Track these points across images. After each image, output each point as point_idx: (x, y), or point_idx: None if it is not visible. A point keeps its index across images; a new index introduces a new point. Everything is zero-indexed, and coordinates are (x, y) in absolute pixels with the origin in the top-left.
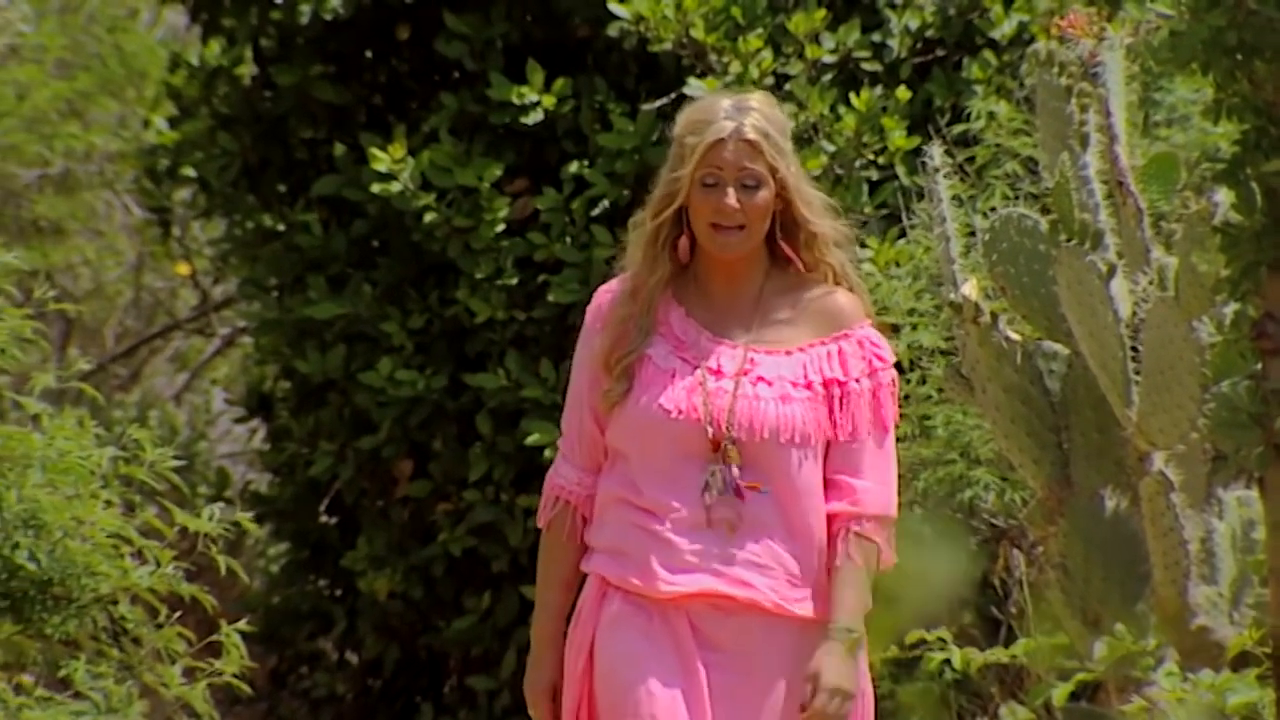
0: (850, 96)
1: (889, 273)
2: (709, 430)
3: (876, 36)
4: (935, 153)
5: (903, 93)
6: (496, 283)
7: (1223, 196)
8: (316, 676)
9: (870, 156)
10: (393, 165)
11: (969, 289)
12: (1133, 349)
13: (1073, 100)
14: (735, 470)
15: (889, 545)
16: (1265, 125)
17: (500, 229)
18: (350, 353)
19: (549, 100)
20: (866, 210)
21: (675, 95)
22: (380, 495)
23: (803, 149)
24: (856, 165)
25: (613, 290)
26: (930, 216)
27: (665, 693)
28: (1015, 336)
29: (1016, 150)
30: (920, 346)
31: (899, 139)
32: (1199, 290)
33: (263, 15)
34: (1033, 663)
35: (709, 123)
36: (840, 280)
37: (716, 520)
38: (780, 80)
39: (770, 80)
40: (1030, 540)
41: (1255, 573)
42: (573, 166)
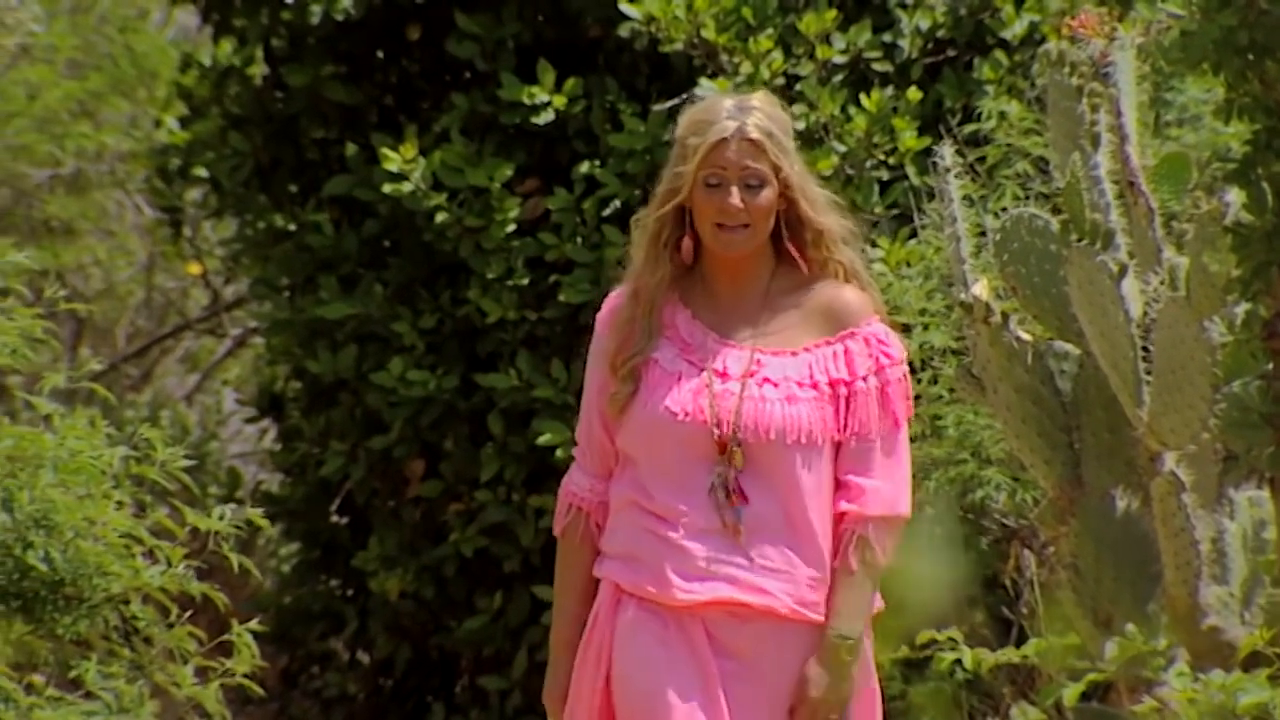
0: (861, 97)
1: (900, 273)
2: (715, 432)
3: (887, 37)
4: (946, 153)
5: (914, 93)
6: (508, 283)
7: (1234, 196)
8: (328, 676)
9: (881, 157)
10: (404, 165)
11: (980, 289)
12: (1144, 349)
13: (1084, 100)
14: (734, 473)
15: (893, 545)
16: (1276, 125)
17: (511, 229)
18: (361, 353)
19: (560, 100)
20: (877, 210)
21: (686, 96)
22: (392, 495)
23: (813, 149)
24: (867, 166)
25: (621, 295)
26: (941, 217)
27: (682, 703)
28: (1026, 336)
29: (1027, 150)
30: (931, 346)
31: (910, 139)
32: (1210, 290)
33: (274, 15)
34: (1044, 663)
35: (711, 123)
36: (850, 277)
37: (728, 523)
38: (791, 81)
39: (781, 81)
40: (1041, 540)
41: (1266, 573)
42: (584, 167)
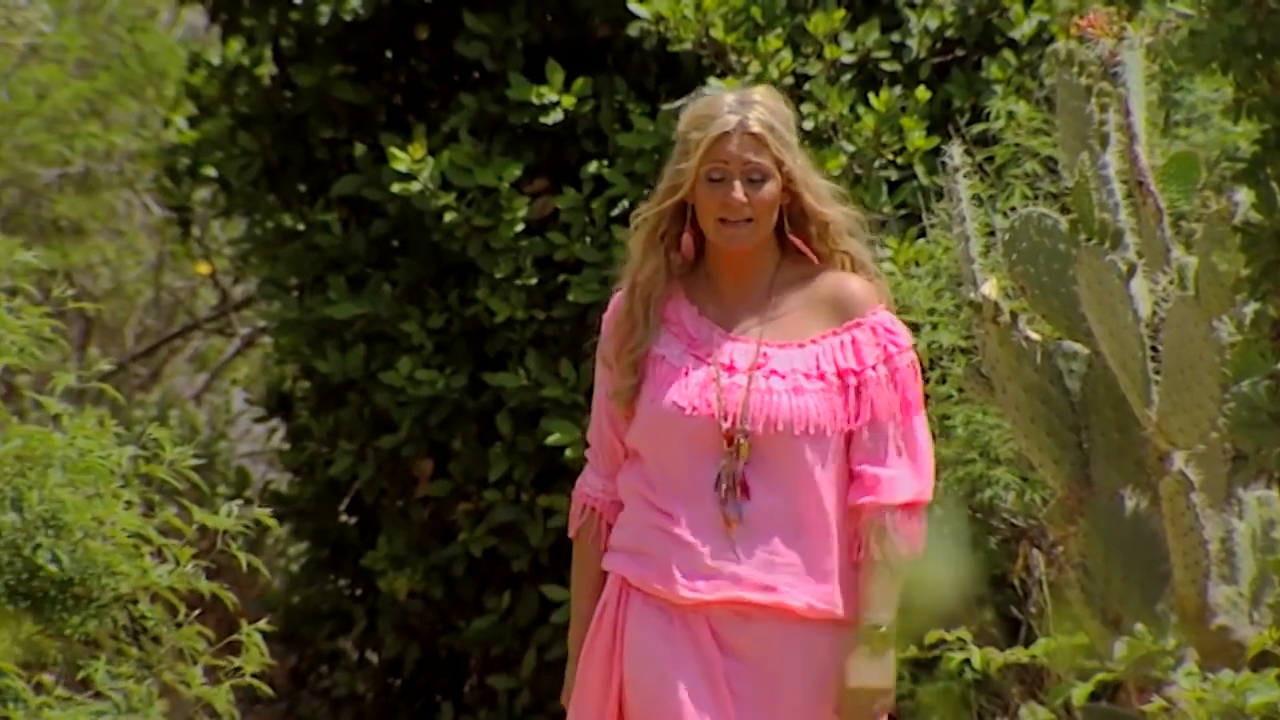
0: (869, 96)
1: (908, 272)
2: (723, 425)
3: (896, 36)
4: (955, 152)
5: (922, 93)
6: (516, 282)
7: (1243, 196)
8: (337, 676)
9: (889, 156)
10: (412, 165)
11: (989, 288)
12: (1153, 348)
13: (1092, 100)
14: (741, 466)
15: (919, 531)
16: None
17: (520, 229)
18: (370, 352)
19: (569, 100)
20: (886, 210)
21: (695, 95)
22: (400, 495)
23: (822, 149)
24: (875, 165)
25: (622, 292)
26: (950, 216)
27: (689, 702)
28: (1035, 336)
29: (1036, 150)
30: (940, 346)
31: (918, 139)
32: (1219, 290)
33: (282, 15)
34: (1053, 663)
35: (713, 117)
36: (857, 268)
37: (731, 517)
38: (799, 80)
39: (789, 80)
40: (1050, 540)
41: (1275, 572)
42: (592, 166)
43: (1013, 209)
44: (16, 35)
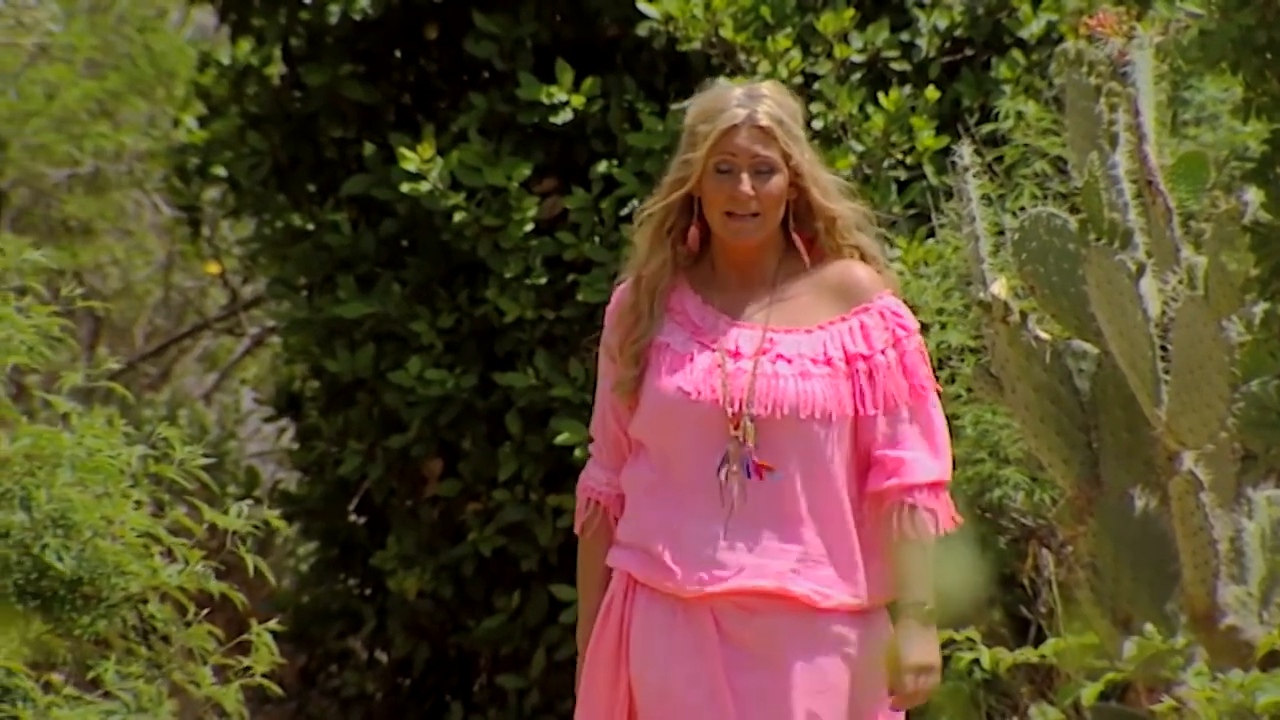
0: (879, 96)
1: (918, 272)
2: (728, 411)
3: (905, 36)
4: (964, 152)
5: (931, 92)
6: (525, 282)
7: (1252, 195)
8: (346, 675)
9: (899, 156)
10: (422, 165)
11: (998, 288)
12: (1162, 348)
13: (1102, 99)
14: (750, 447)
15: (947, 508)
16: None
17: (529, 228)
18: (379, 352)
19: (578, 100)
20: (895, 210)
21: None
22: (409, 494)
23: (831, 149)
24: (885, 165)
25: (627, 285)
26: (959, 216)
27: (687, 701)
28: (1044, 335)
29: (1045, 150)
30: (949, 346)
31: (928, 138)
32: (1228, 289)
33: (292, 15)
34: (1062, 662)
35: (721, 110)
36: (866, 260)
37: (737, 506)
38: (809, 79)
39: (799, 80)
40: (1059, 540)
41: None
42: (602, 166)
43: (1022, 209)
44: (26, 35)
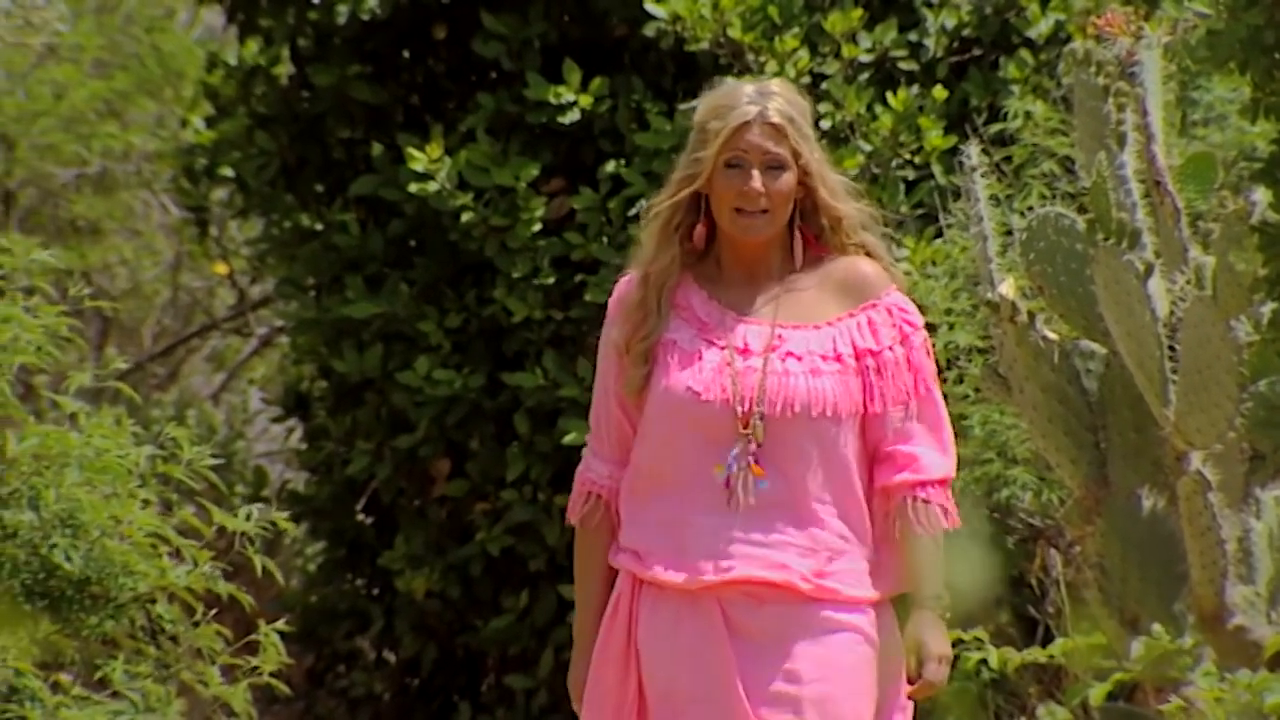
0: (887, 96)
1: (926, 272)
2: (738, 410)
3: (913, 36)
4: (972, 152)
5: (939, 92)
6: (533, 282)
7: (1260, 195)
8: (354, 675)
9: (907, 156)
10: (430, 165)
11: (1006, 288)
12: (1170, 348)
13: (1110, 99)
14: (754, 448)
15: (952, 504)
16: None
17: (537, 228)
18: (387, 352)
19: (586, 100)
20: (903, 210)
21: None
22: (418, 494)
23: (839, 148)
24: (893, 165)
25: (631, 279)
26: (967, 216)
27: (693, 699)
28: (1052, 336)
29: (1053, 149)
30: (957, 346)
31: (936, 138)
32: (1236, 289)
33: (300, 15)
34: (1070, 662)
35: (732, 107)
36: (874, 258)
37: (743, 502)
38: (817, 79)
39: (807, 79)
40: (1067, 540)
41: None
42: (609, 166)
43: (1030, 209)
44: (34, 35)
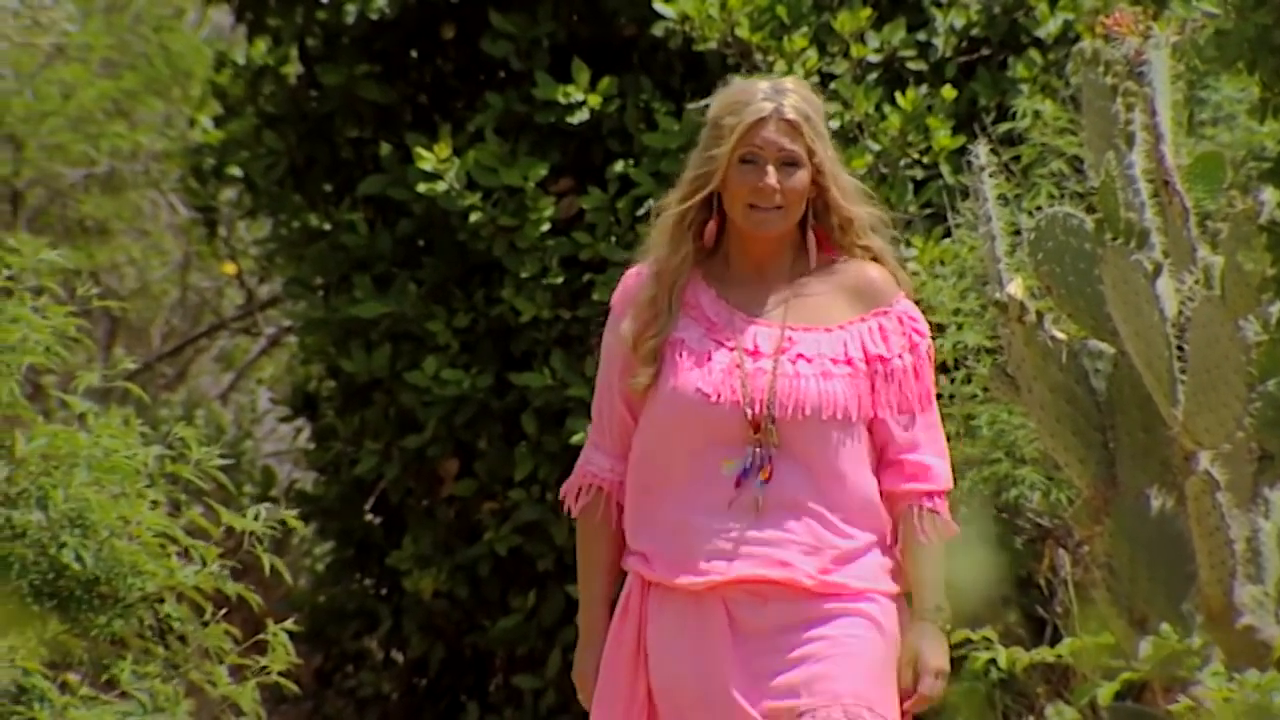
0: (895, 95)
1: (934, 272)
2: (748, 412)
3: (921, 35)
4: (980, 152)
5: (948, 92)
6: (542, 282)
7: (1268, 195)
8: (362, 675)
9: (915, 156)
10: (438, 165)
11: (1014, 288)
12: (1178, 348)
13: (1118, 99)
14: (771, 452)
15: (948, 517)
16: None
17: (545, 228)
18: (395, 352)
19: (594, 99)
20: (911, 209)
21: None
22: (426, 494)
23: (848, 148)
24: (901, 164)
25: (639, 274)
26: (975, 215)
27: (693, 702)
28: (1061, 335)
29: (1062, 149)
30: (965, 346)
31: (944, 138)
32: (1245, 289)
33: (308, 14)
34: (1078, 662)
35: (747, 103)
36: (881, 263)
37: (750, 504)
38: (825, 79)
39: (815, 79)
40: (1076, 540)
41: None
42: (618, 166)
43: (1038, 208)
44: (42, 35)
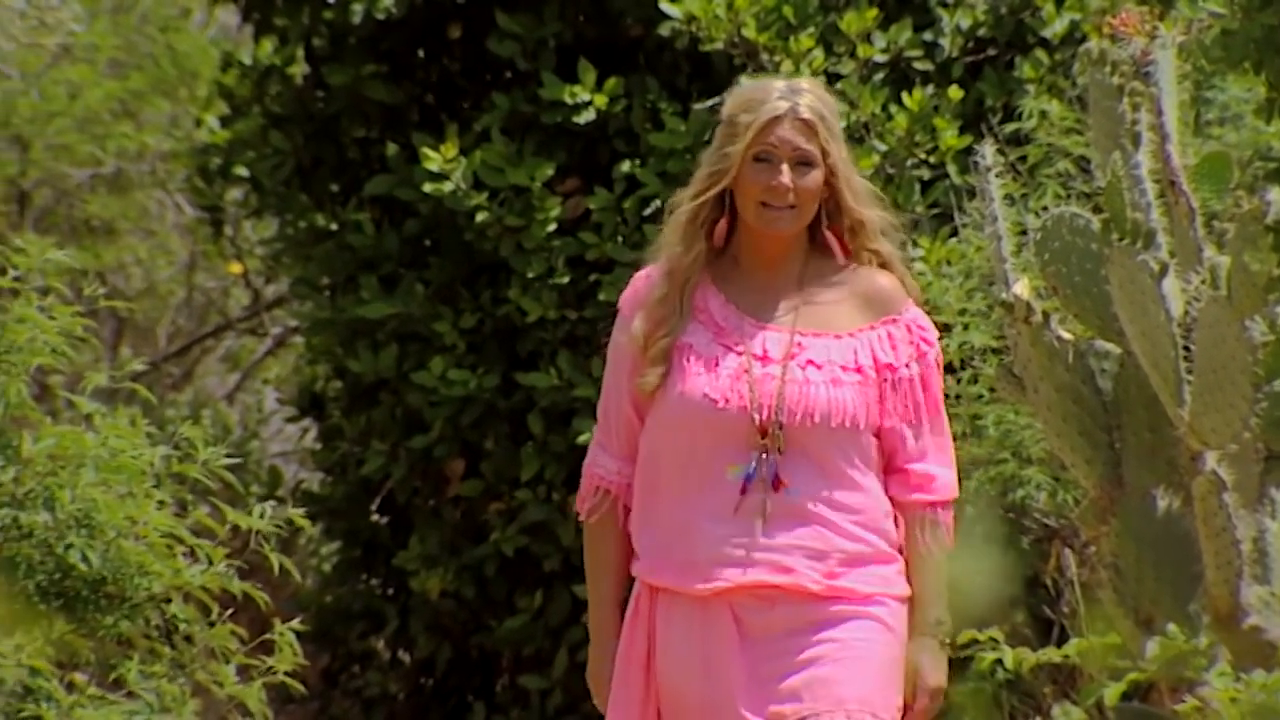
0: (902, 96)
1: (940, 272)
2: (755, 418)
3: (928, 35)
4: (987, 152)
5: (954, 92)
6: (548, 282)
7: (1275, 195)
8: (369, 675)
9: (922, 156)
10: (445, 165)
11: (1021, 288)
12: (1185, 348)
13: (1124, 99)
14: (777, 459)
15: (952, 526)
16: None
17: (552, 228)
18: (402, 352)
19: (601, 100)
20: (918, 209)
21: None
22: (432, 494)
23: (855, 148)
24: (908, 165)
25: (649, 275)
26: (982, 215)
27: (700, 706)
28: (1067, 336)
29: (1068, 149)
30: (972, 346)
31: (951, 138)
32: (1251, 289)
33: (315, 14)
34: (1085, 663)
35: (763, 101)
36: (887, 267)
37: (756, 509)
38: (832, 79)
39: (822, 79)
40: (1082, 540)
41: None
42: (624, 166)
43: (1045, 208)
44: (49, 35)
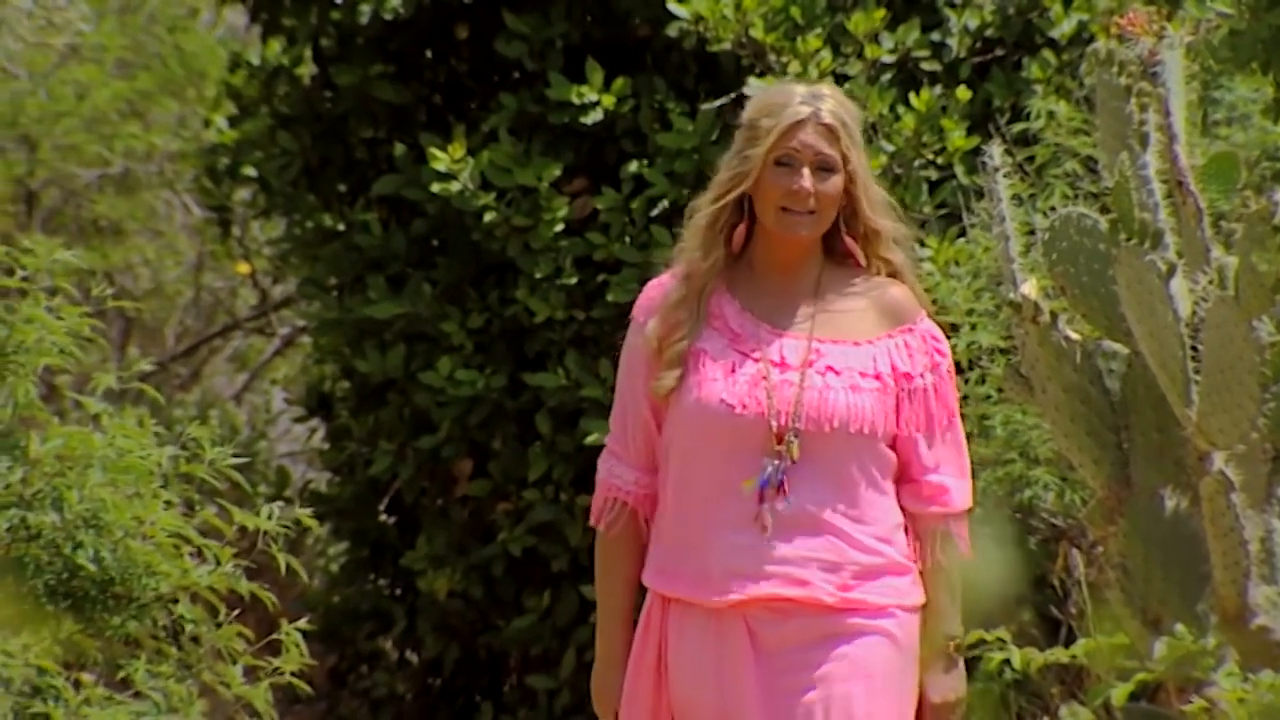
0: (909, 96)
1: (948, 272)
2: (773, 424)
3: (936, 36)
4: (995, 152)
5: (962, 92)
6: (556, 282)
7: None
8: (376, 676)
9: (929, 156)
10: (452, 165)
11: (1028, 288)
12: (1192, 348)
13: (1132, 99)
14: (787, 465)
15: (967, 537)
16: None
17: (559, 229)
18: (410, 352)
19: (608, 100)
20: (926, 210)
21: (735, 95)
22: (440, 494)
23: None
24: (915, 165)
25: (663, 284)
26: (989, 216)
27: (715, 714)
28: (1075, 336)
29: (1076, 149)
30: (979, 346)
31: (958, 139)
32: (1259, 289)
33: (323, 15)
34: (1092, 663)
35: (785, 105)
36: (899, 278)
37: (771, 519)
38: (839, 80)
39: (829, 80)
40: (1090, 540)
41: None
42: (632, 166)
43: (1052, 209)
44: (56, 35)
